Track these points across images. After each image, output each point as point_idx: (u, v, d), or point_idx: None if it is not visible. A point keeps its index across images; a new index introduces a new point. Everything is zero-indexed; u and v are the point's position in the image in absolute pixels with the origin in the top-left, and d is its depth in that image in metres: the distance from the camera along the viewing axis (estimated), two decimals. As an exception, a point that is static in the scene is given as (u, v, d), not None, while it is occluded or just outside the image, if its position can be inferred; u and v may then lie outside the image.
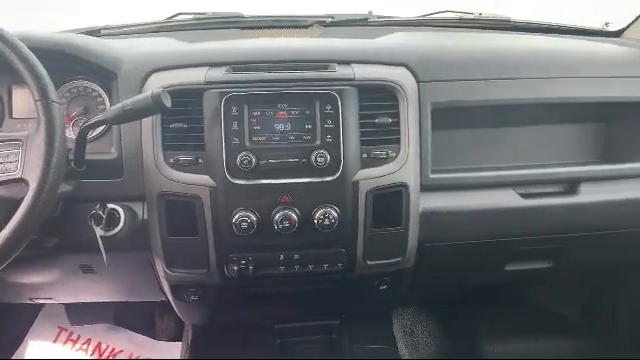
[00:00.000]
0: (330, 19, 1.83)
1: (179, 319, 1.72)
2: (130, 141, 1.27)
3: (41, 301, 1.79)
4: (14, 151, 1.05)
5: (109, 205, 1.20)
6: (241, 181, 1.22)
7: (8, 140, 1.07)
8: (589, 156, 1.55)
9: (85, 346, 2.22)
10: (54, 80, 1.07)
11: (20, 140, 1.05)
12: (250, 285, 1.42)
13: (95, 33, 1.69)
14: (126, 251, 1.32)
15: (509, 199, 1.40)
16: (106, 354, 2.21)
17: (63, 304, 2.16)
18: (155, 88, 1.08)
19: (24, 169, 1.03)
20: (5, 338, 2.17)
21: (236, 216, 1.21)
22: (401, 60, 1.36)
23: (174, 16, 1.82)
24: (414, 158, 1.30)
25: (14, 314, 2.20)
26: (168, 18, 1.82)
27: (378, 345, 2.02)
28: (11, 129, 1.31)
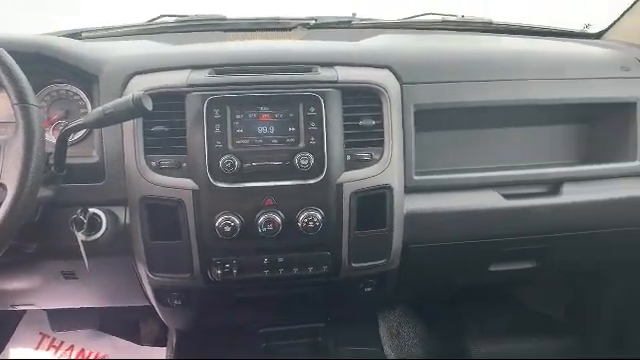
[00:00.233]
0: (313, 21, 1.83)
1: (163, 324, 1.71)
2: (111, 145, 1.25)
3: (22, 307, 1.76)
4: None
5: (90, 210, 1.18)
6: (224, 184, 1.21)
7: None
8: (572, 157, 1.56)
9: (68, 352, 2.19)
10: (33, 83, 1.06)
11: None
12: (234, 289, 1.41)
13: (76, 36, 1.68)
14: (108, 256, 1.30)
15: (492, 200, 1.41)
16: (90, 360, 2.18)
17: (45, 310, 2.12)
18: (136, 91, 1.07)
19: (2, 173, 1.02)
20: (-14, 346, 2.13)
21: (219, 220, 1.20)
22: (384, 62, 1.36)
23: (156, 18, 1.81)
24: (398, 160, 1.30)
25: (-5, 321, 2.17)
26: (150, 20, 1.80)
27: (364, 347, 2.02)
28: None
